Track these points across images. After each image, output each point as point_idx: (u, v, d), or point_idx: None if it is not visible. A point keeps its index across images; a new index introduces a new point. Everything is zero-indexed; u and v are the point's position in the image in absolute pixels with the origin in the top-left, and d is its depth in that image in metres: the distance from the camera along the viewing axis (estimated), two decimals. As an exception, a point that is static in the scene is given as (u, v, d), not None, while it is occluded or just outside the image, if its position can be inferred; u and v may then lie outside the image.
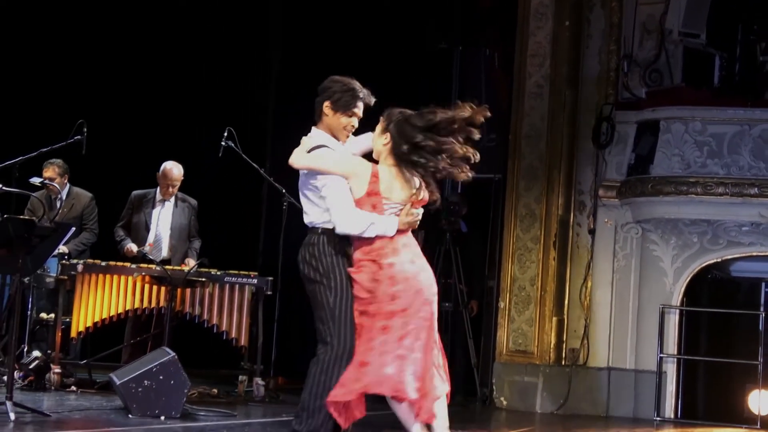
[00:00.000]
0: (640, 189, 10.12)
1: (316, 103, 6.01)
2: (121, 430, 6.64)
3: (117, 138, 11.02)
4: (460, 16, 11.38)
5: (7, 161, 8.93)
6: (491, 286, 10.72)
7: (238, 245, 11.00)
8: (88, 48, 11.64)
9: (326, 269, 5.56)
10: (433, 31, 11.35)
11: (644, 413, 10.00)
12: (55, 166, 9.46)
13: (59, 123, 9.52)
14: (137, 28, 11.76)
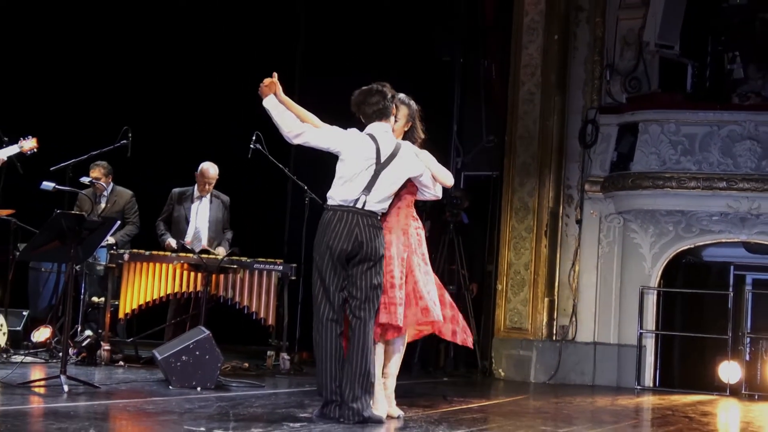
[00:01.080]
0: (621, 183, 10.10)
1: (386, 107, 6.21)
2: (162, 400, 6.62)
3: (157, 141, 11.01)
4: (461, 31, 11.35)
5: (61, 163, 8.98)
6: (490, 271, 10.73)
7: (265, 236, 10.99)
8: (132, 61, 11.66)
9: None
10: (437, 44, 11.32)
11: (626, 382, 9.99)
12: (100, 167, 9.48)
13: (106, 129, 9.53)
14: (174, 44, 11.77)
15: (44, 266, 9.81)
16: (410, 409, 6.93)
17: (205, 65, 11.82)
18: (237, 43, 11.82)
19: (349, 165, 5.99)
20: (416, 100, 11.30)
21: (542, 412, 7.47)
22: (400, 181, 6.07)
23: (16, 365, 7.80)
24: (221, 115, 11.68)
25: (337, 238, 5.89)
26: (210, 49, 11.82)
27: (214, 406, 6.46)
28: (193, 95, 11.75)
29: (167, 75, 11.73)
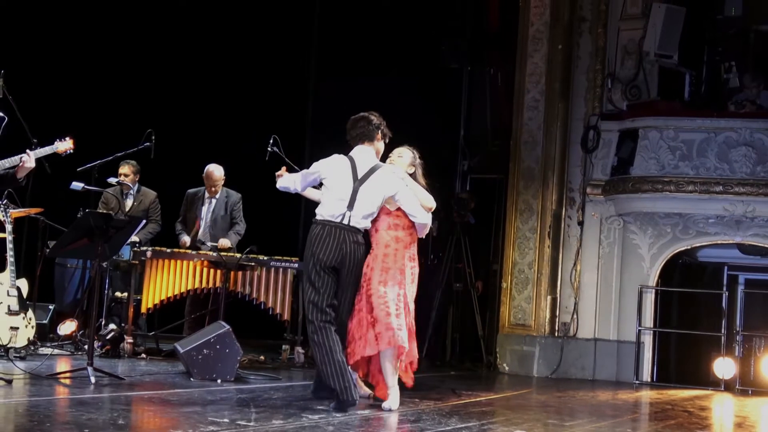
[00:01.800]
0: (621, 187, 10.06)
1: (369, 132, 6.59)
2: (185, 391, 6.59)
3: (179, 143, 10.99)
4: (468, 40, 11.32)
5: (86, 164, 8.95)
6: (495, 270, 10.70)
7: (281, 235, 10.94)
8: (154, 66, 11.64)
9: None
10: (446, 53, 11.29)
11: (625, 377, 9.94)
12: (130, 165, 9.47)
13: (131, 131, 9.51)
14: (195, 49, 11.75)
15: (70, 262, 9.78)
16: (422, 402, 6.92)
17: (225, 70, 11.80)
18: (254, 48, 11.81)
19: (331, 184, 6.43)
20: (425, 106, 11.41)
21: (548, 406, 7.43)
22: (379, 198, 6.38)
23: (46, 357, 7.77)
24: (240, 118, 11.66)
25: (325, 250, 6.26)
26: (229, 55, 11.81)
27: (235, 398, 6.44)
28: (213, 99, 11.73)
29: (188, 79, 11.71)
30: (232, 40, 11.79)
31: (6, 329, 7.71)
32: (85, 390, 6.28)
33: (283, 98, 11.81)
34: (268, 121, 10.97)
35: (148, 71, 11.58)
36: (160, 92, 11.54)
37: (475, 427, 5.89)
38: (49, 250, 8.65)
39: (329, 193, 6.43)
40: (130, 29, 11.55)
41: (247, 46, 11.84)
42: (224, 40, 11.77)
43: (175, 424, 5.23)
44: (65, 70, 11.21)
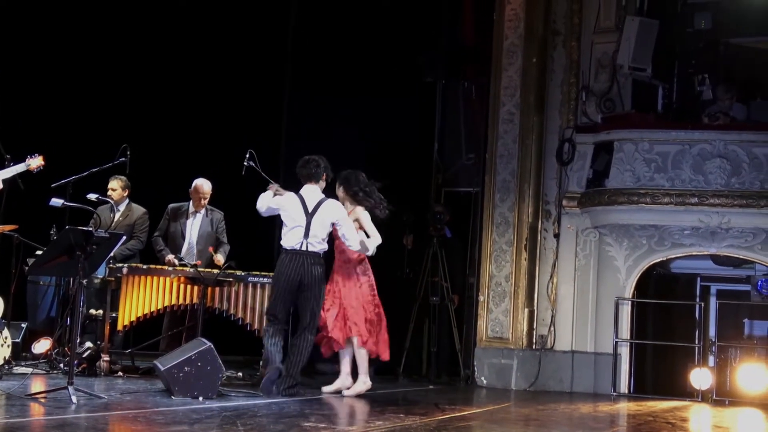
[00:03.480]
0: (597, 199, 10.10)
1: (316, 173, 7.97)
2: (169, 410, 6.48)
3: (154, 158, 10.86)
4: (443, 54, 11.32)
5: (62, 180, 8.83)
6: (472, 283, 10.66)
7: (255, 249, 10.86)
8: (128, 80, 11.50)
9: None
10: (421, 67, 11.28)
11: (603, 389, 9.96)
12: (119, 180, 9.37)
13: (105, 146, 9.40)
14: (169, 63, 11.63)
15: (42, 279, 9.64)
16: (407, 417, 6.86)
17: (200, 85, 11.70)
18: (230, 63, 11.72)
19: (287, 219, 7.91)
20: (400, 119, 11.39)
21: (532, 419, 7.41)
22: (328, 225, 7.86)
23: (26, 377, 7.63)
24: (215, 133, 11.57)
25: (290, 273, 7.80)
26: (204, 70, 11.71)
27: (220, 416, 6.34)
28: (188, 114, 11.63)
29: (163, 94, 11.59)
30: (207, 54, 11.70)
31: (-18, 349, 7.57)
32: (67, 410, 6.15)
33: (257, 113, 11.75)
34: (242, 136, 10.93)
35: (123, 86, 11.45)
36: (134, 107, 11.41)
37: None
38: (28, 267, 8.52)
39: (288, 226, 7.87)
40: (103, 42, 11.41)
41: (222, 60, 11.76)
42: (199, 53, 11.67)
43: (165, 444, 5.14)
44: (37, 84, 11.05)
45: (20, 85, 10.85)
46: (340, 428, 6.01)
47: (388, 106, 11.21)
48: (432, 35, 11.30)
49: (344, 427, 6.08)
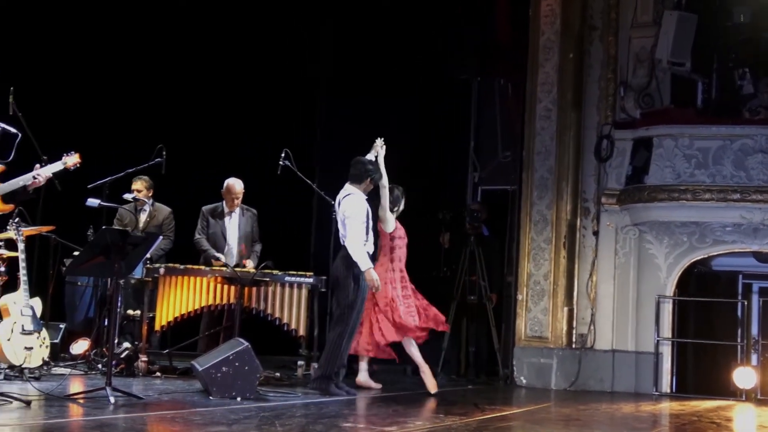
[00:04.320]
0: (637, 196, 9.94)
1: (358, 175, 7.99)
2: (206, 411, 6.43)
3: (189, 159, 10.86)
4: (478, 52, 11.21)
5: (97, 181, 8.83)
6: (509, 282, 10.54)
7: (292, 249, 10.80)
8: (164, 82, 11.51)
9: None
10: (455, 65, 11.18)
11: (644, 388, 9.81)
12: (143, 180, 9.32)
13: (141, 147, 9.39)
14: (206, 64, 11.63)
15: (80, 280, 9.65)
16: (447, 417, 6.78)
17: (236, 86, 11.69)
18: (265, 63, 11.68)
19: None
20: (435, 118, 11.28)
21: (573, 419, 7.28)
22: (342, 221, 7.94)
23: (64, 378, 7.62)
24: (250, 133, 11.54)
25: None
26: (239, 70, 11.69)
27: (259, 416, 6.27)
28: (224, 114, 11.62)
29: (199, 95, 11.59)
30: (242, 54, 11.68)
31: (20, 349, 7.57)
32: (105, 411, 6.12)
33: (292, 112, 11.69)
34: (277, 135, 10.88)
35: (158, 87, 11.45)
36: (170, 108, 11.41)
37: (508, 442, 5.74)
38: (65, 268, 8.51)
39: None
40: (140, 44, 11.43)
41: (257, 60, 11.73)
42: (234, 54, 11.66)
43: (204, 444, 5.09)
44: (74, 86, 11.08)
45: (56, 86, 10.89)
46: (378, 428, 5.92)
47: (424, 104, 11.14)
48: (466, 33, 11.18)
49: (383, 427, 5.99)
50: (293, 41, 11.77)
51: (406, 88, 11.24)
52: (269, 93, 11.69)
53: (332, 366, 7.84)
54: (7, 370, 7.55)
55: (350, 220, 7.86)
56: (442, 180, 11.08)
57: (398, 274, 8.54)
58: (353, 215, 7.86)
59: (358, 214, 7.87)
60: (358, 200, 7.93)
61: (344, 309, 7.85)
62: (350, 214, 7.87)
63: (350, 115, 11.25)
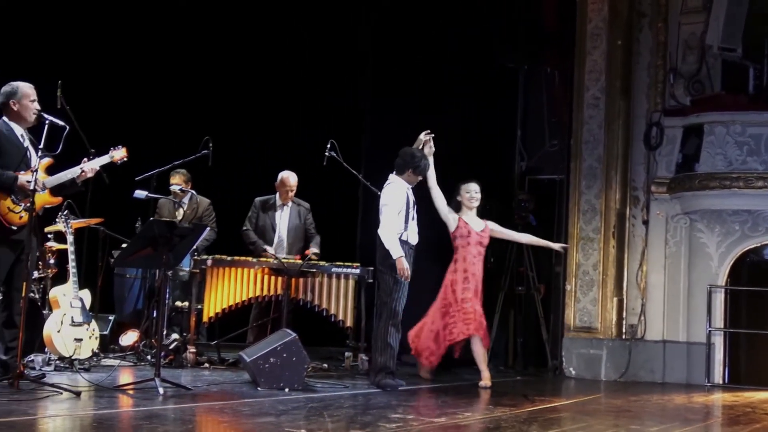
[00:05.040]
0: (688, 184, 9.77)
1: (400, 165, 7.93)
2: (255, 401, 6.43)
3: (235, 150, 10.88)
4: (525, 40, 11.08)
5: (145, 173, 8.86)
6: (558, 272, 10.41)
7: (338, 240, 10.76)
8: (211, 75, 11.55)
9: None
10: (501, 53, 11.05)
11: (696, 379, 9.64)
12: (181, 174, 9.33)
13: (187, 139, 9.41)
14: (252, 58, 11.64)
15: (129, 272, 9.71)
16: (497, 409, 6.71)
17: (282, 79, 11.69)
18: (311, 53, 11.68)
19: None
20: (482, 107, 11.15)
21: (624, 410, 7.18)
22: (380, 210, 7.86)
23: (113, 369, 7.66)
24: (295, 125, 11.52)
25: None
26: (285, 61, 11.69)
27: (307, 407, 6.26)
28: (270, 106, 11.62)
29: (245, 87, 11.62)
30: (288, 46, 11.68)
31: (70, 341, 7.62)
32: (154, 401, 6.14)
33: (339, 103, 11.65)
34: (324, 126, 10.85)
35: (205, 79, 11.49)
36: (217, 100, 11.44)
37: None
38: (114, 260, 8.56)
39: None
40: (190, 37, 11.47)
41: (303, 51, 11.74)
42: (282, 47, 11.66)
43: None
44: (122, 78, 11.15)
45: (104, 79, 10.96)
46: (427, 420, 5.87)
47: (470, 94, 11.02)
48: (513, 21, 11.05)
49: (432, 418, 5.94)
50: (339, 30, 11.73)
51: (453, 78, 11.14)
52: (315, 83, 11.67)
53: (381, 359, 7.74)
54: (58, 361, 7.61)
55: (385, 208, 7.80)
56: (489, 169, 10.95)
57: (461, 275, 8.36)
58: (388, 203, 7.80)
59: (393, 203, 7.79)
60: (396, 189, 7.87)
61: (383, 299, 7.80)
62: (385, 202, 7.82)
63: (396, 105, 11.19)
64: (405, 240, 7.83)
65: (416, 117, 10.73)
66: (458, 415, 6.18)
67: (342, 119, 11.42)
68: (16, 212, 6.46)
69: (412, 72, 11.23)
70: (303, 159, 9.96)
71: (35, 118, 6.63)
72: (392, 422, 5.68)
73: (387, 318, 7.76)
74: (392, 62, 11.44)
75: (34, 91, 6.69)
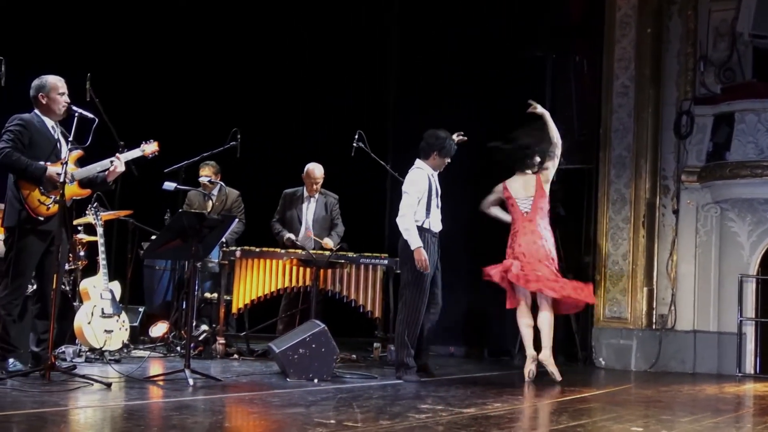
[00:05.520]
0: (718, 173, 9.68)
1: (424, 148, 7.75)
2: (284, 392, 6.45)
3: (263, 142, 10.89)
4: (552, 28, 11.01)
5: (174, 165, 8.89)
6: (587, 262, 10.34)
7: (366, 231, 10.76)
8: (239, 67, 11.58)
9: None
10: (529, 42, 10.98)
11: (727, 370, 9.56)
12: (210, 166, 9.36)
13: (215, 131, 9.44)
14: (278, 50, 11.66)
15: (158, 264, 9.75)
16: (526, 399, 6.69)
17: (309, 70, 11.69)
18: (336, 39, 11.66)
19: None
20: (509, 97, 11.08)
21: (655, 401, 7.14)
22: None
23: (143, 360, 7.71)
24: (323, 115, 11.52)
25: None
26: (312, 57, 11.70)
27: (336, 398, 6.27)
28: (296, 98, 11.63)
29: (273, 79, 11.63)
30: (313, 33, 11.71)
31: (101, 332, 7.68)
32: (184, 392, 6.17)
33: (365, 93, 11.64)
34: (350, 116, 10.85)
35: (233, 71, 11.52)
36: (244, 92, 11.47)
37: (589, 424, 5.64)
38: (143, 252, 8.61)
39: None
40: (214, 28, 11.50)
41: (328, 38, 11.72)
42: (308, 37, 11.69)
43: (282, 426, 5.09)
44: (150, 70, 11.21)
45: (132, 71, 11.01)
46: (457, 410, 5.86)
47: (497, 83, 10.95)
48: (541, 10, 10.98)
49: (462, 409, 5.93)
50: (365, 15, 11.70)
51: (480, 66, 11.08)
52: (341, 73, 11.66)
53: (399, 355, 7.64)
54: (88, 352, 7.67)
55: (405, 195, 7.62)
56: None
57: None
58: (407, 190, 7.61)
59: (413, 190, 7.59)
60: (416, 175, 7.67)
61: (403, 291, 7.65)
62: (405, 189, 7.64)
63: (423, 94, 11.16)
64: (428, 228, 7.63)
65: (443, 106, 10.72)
66: (487, 406, 6.16)
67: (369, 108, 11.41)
68: (45, 204, 6.50)
69: (439, 61, 11.19)
70: (331, 150, 9.96)
71: (64, 111, 6.67)
72: (421, 413, 5.67)
73: (405, 313, 7.58)
74: (419, 52, 11.40)
75: (63, 84, 6.72)
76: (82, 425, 4.97)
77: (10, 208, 6.55)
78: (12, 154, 6.44)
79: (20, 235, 6.49)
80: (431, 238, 7.66)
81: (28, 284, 6.69)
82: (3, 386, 5.97)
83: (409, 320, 7.56)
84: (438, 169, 7.81)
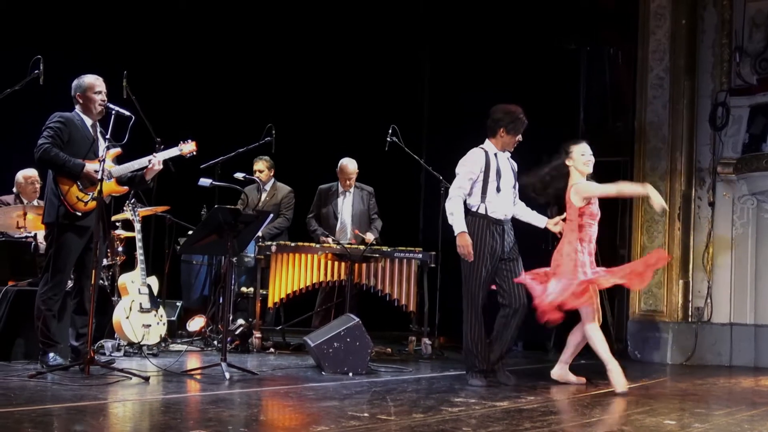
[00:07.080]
0: (755, 165, 9.62)
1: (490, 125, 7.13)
2: (319, 386, 6.52)
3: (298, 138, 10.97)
4: (586, 20, 10.99)
5: (210, 161, 8.99)
6: (622, 254, 10.35)
7: (401, 225, 10.81)
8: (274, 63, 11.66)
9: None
10: (564, 34, 10.97)
11: (764, 362, 9.52)
12: (264, 160, 9.48)
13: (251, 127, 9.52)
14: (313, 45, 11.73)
15: (195, 259, 9.86)
16: (560, 392, 6.71)
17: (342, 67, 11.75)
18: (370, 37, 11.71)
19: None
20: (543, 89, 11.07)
21: (690, 394, 7.13)
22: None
23: (181, 354, 7.81)
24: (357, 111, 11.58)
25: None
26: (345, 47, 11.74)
27: (370, 391, 6.33)
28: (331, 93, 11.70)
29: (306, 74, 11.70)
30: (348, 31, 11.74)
31: (139, 327, 7.79)
32: (221, 386, 6.26)
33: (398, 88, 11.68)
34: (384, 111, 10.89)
35: (268, 68, 11.61)
36: (280, 88, 11.55)
37: (622, 418, 5.66)
38: (180, 247, 8.72)
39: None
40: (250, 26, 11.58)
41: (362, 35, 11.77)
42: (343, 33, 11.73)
43: (316, 419, 5.15)
44: (186, 67, 11.32)
45: (168, 68, 11.12)
46: (490, 404, 5.90)
47: (531, 75, 10.96)
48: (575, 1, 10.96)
49: (495, 402, 5.97)
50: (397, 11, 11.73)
51: (514, 59, 11.10)
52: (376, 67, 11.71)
53: (468, 359, 6.99)
54: (127, 346, 7.79)
55: (456, 177, 7.00)
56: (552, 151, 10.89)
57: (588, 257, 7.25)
58: (457, 170, 6.98)
59: (463, 170, 6.92)
60: (472, 154, 6.98)
61: (463, 284, 7.00)
62: (457, 169, 7.00)
63: (457, 87, 11.18)
64: (483, 214, 6.94)
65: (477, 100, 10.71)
66: (521, 399, 6.20)
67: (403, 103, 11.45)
68: (83, 200, 6.61)
69: (473, 54, 11.21)
70: (366, 145, 10.02)
71: (101, 109, 6.77)
72: (455, 406, 5.72)
73: (466, 309, 6.94)
74: (453, 44, 11.43)
75: (100, 83, 6.81)
76: (121, 418, 5.07)
77: (50, 205, 6.68)
78: (51, 150, 6.56)
79: (59, 231, 6.61)
80: (490, 225, 6.94)
81: (68, 280, 6.80)
82: (43, 380, 6.10)
83: (466, 317, 6.92)
84: (507, 148, 7.12)
